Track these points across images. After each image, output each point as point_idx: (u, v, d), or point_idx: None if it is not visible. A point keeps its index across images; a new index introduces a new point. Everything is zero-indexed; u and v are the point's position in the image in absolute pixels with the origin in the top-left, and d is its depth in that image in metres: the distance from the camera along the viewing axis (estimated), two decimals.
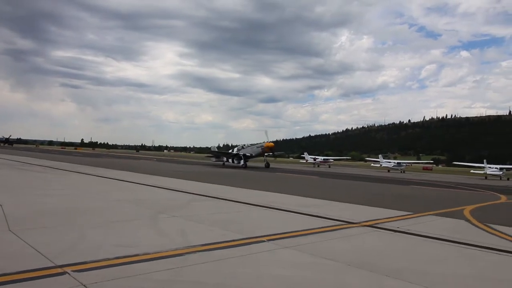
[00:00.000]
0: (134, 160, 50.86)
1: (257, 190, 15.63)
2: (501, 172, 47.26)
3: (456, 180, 37.40)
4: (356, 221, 8.75)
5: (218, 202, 11.31)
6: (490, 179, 45.40)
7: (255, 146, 45.42)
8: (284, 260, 5.26)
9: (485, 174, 48.07)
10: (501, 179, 45.56)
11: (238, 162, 42.99)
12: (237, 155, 43.50)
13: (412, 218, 9.90)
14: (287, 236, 6.76)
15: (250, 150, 44.59)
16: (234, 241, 6.11)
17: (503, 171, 47.73)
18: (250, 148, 45.36)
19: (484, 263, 5.79)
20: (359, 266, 5.09)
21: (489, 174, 47.41)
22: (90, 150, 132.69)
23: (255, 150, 44.54)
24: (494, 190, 24.11)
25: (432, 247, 6.69)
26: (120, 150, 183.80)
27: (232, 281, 4.23)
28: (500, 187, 29.52)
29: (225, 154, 45.94)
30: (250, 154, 43.91)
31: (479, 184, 31.97)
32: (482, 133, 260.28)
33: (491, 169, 48.20)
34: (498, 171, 47.34)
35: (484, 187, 28.20)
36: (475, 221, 9.73)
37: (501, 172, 47.17)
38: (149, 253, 5.07)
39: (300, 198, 13.63)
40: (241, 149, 45.38)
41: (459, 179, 42.03)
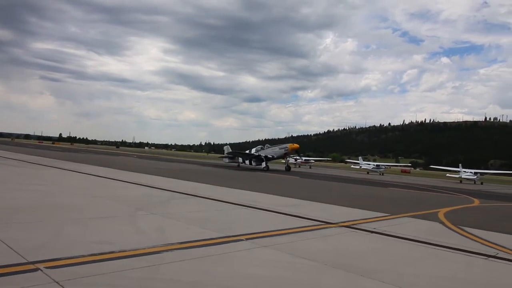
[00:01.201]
0: (114, 156, 50.11)
1: (237, 189, 15.63)
2: (475, 176, 48.59)
3: (432, 183, 38.24)
4: (334, 221, 8.86)
5: (198, 200, 11.26)
6: (464, 183, 46.59)
7: (277, 147, 42.92)
8: (262, 259, 5.29)
9: (460, 178, 49.32)
10: (475, 183, 46.81)
11: (258, 164, 40.54)
12: (258, 157, 40.92)
13: (389, 220, 10.08)
14: (266, 235, 6.78)
15: (272, 152, 42.02)
16: (212, 239, 6.09)
17: (477, 176, 49.08)
18: (271, 149, 42.66)
19: (457, 264, 5.94)
20: (335, 266, 5.16)
21: (464, 178, 48.67)
22: (68, 145, 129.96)
23: (277, 152, 42.03)
24: (468, 194, 24.77)
25: (407, 248, 6.84)
26: (100, 146, 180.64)
27: (209, 280, 4.23)
28: (473, 191, 30.34)
29: (245, 155, 42.93)
30: (272, 156, 41.61)
31: (454, 188, 32.78)
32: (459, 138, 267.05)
33: (466, 173, 49.49)
34: (473, 175, 48.66)
35: (458, 190, 28.93)
36: (449, 224, 9.98)
37: (475, 177, 48.50)
38: (125, 250, 5.01)
39: (280, 197, 13.70)
40: (260, 150, 42.69)
41: (435, 182, 42.98)
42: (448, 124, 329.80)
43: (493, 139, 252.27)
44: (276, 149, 42.40)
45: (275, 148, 42.59)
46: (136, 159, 46.17)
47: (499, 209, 16.75)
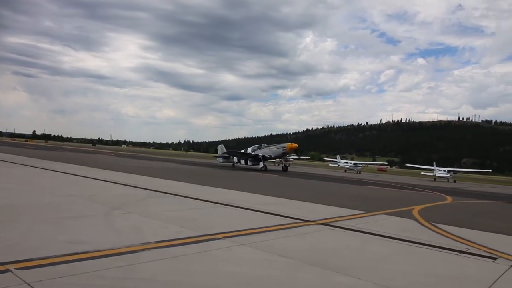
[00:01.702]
0: (90, 154, 49.07)
1: (216, 188, 15.57)
2: (448, 174, 50.02)
3: (407, 181, 39.12)
4: (311, 219, 8.95)
5: (176, 199, 11.17)
6: (438, 181, 47.86)
7: (275, 147, 41.43)
8: (239, 257, 5.29)
9: (434, 176, 50.64)
10: (448, 181, 48.17)
11: (255, 163, 39.28)
12: (256, 157, 39.54)
13: (365, 217, 10.26)
14: (244, 233, 6.79)
15: (269, 151, 40.60)
16: (189, 238, 6.06)
17: (450, 174, 50.54)
18: (268, 149, 41.15)
19: (430, 260, 6.10)
20: (312, 263, 5.22)
21: (438, 176, 49.99)
22: (42, 143, 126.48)
23: (275, 152, 40.60)
24: (441, 192, 25.46)
25: (382, 245, 6.98)
26: (75, 144, 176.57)
27: (185, 278, 4.20)
28: (447, 188, 31.20)
29: (242, 154, 41.19)
30: (269, 156, 40.30)
31: (428, 186, 33.63)
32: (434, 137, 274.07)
33: (440, 171, 50.85)
34: (446, 173, 50.07)
35: (432, 188, 29.70)
36: (422, 221, 10.23)
37: (448, 175, 49.92)
38: (100, 250, 4.92)
39: (259, 196, 13.74)
40: (257, 150, 41.19)
41: (410, 180, 43.99)
42: (423, 123, 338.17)
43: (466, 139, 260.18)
44: (273, 148, 41.16)
45: (273, 148, 41.30)
46: (113, 157, 45.37)
47: (470, 206, 17.28)
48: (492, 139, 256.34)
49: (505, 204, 20.18)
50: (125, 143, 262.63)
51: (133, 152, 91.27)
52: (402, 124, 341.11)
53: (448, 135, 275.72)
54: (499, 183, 66.19)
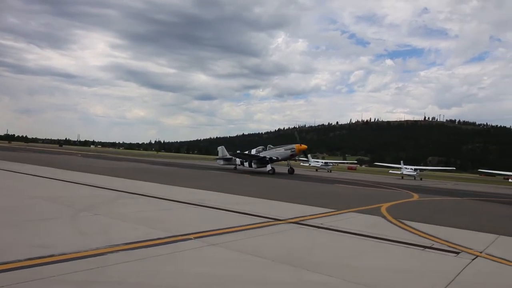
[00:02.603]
0: (57, 155, 47.47)
1: (188, 188, 15.41)
2: (415, 172, 51.66)
3: (376, 180, 40.08)
4: (283, 218, 9.01)
5: (146, 199, 10.97)
6: (406, 179, 49.32)
7: (282, 148, 38.51)
8: (210, 257, 5.26)
9: (401, 174, 52.17)
10: (415, 179, 49.71)
11: (260, 166, 37.17)
12: (263, 159, 37.09)
13: (335, 215, 10.43)
14: (215, 233, 6.76)
15: (276, 153, 37.93)
16: (159, 239, 5.97)
17: (417, 172, 52.23)
18: (275, 150, 38.33)
19: (397, 256, 6.28)
20: (283, 262, 5.25)
21: (405, 175, 51.53)
22: (5, 143, 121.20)
23: (282, 153, 37.96)
24: (408, 189, 26.24)
25: (352, 242, 7.12)
26: (41, 145, 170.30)
27: (154, 280, 4.14)
28: (413, 186, 32.18)
29: (249, 156, 38.37)
30: (276, 158, 37.70)
31: (396, 184, 34.58)
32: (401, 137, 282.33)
33: (407, 169, 52.43)
34: (413, 171, 51.69)
35: (400, 186, 30.56)
36: (390, 218, 10.51)
37: (415, 173, 51.56)
38: (66, 253, 4.76)
39: (231, 195, 13.71)
40: (262, 151, 38.52)
41: (379, 178, 45.09)
42: (391, 123, 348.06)
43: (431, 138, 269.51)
44: (281, 150, 38.34)
45: (280, 149, 38.45)
46: (81, 158, 44.09)
47: (435, 203, 17.89)
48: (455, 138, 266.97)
49: (468, 200, 21.03)
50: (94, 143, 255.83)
51: (102, 152, 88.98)
52: (371, 124, 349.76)
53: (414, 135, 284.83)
54: (463, 180, 68.93)
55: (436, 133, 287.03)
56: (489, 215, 14.22)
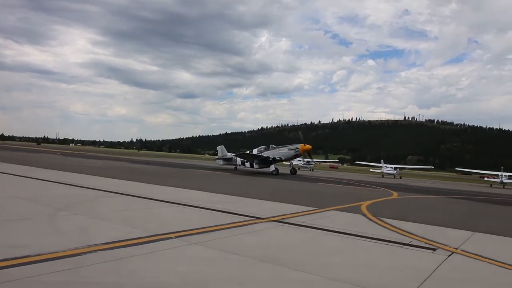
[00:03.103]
0: (34, 153, 46.35)
1: (169, 187, 15.29)
2: (395, 171, 52.60)
3: (357, 178, 40.58)
4: (264, 216, 9.04)
5: (127, 198, 10.85)
6: (386, 177, 50.14)
7: (286, 148, 37.10)
8: (191, 256, 5.24)
9: (382, 173, 53.02)
10: (395, 178, 50.60)
11: (262, 166, 36.00)
12: (266, 159, 35.77)
13: (317, 213, 10.53)
14: (196, 232, 6.73)
15: (279, 153, 36.55)
16: (139, 238, 5.91)
17: (396, 170, 53.18)
18: (278, 150, 36.91)
19: (376, 253, 6.39)
20: (263, 260, 5.27)
21: (385, 173, 52.39)
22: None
23: (286, 153, 36.69)
24: (388, 187, 26.68)
25: (332, 240, 7.20)
26: (18, 143, 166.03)
27: (135, 280, 4.10)
28: (393, 184, 32.74)
29: (253, 156, 36.68)
30: (280, 158, 36.45)
31: (376, 182, 35.12)
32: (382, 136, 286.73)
33: (387, 168, 53.34)
34: (393, 170, 52.62)
35: (380, 184, 31.04)
36: (370, 215, 10.68)
37: (395, 171, 52.49)
38: (42, 254, 4.67)
39: (212, 194, 13.66)
40: (264, 151, 37.03)
41: (360, 177, 45.65)
42: (372, 122, 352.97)
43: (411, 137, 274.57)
44: (284, 150, 37.00)
45: (283, 149, 37.13)
46: (60, 156, 43.18)
47: (414, 201, 18.26)
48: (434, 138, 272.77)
49: (445, 198, 21.52)
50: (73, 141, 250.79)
51: (81, 151, 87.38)
52: (353, 123, 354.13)
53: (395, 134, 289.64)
54: (441, 178, 70.46)
55: (416, 133, 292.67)
56: (465, 213, 14.60)
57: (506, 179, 44.88)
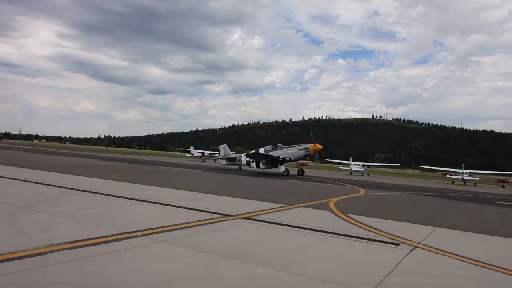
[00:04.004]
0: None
1: (138, 184, 15.02)
2: (363, 168, 53.87)
3: (326, 175, 41.27)
4: (234, 213, 9.05)
5: (93, 196, 10.58)
6: (354, 174, 51.23)
7: (296, 148, 35.54)
8: (158, 254, 5.19)
9: (350, 170, 54.13)
10: (363, 175, 51.78)
11: (271, 167, 34.82)
12: (276, 159, 34.25)
13: (286, 210, 10.64)
14: (164, 230, 6.66)
15: (287, 153, 34.89)
16: (105, 237, 5.78)
17: (364, 168, 54.50)
18: (286, 150, 35.34)
19: (342, 248, 6.53)
20: (232, 257, 5.29)
21: (353, 170, 53.53)
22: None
23: (295, 153, 35.11)
24: (356, 184, 27.29)
25: (301, 237, 7.30)
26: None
27: (98, 279, 4.01)
28: (361, 181, 33.51)
29: (264, 156, 34.72)
30: (289, 158, 34.80)
31: (345, 179, 35.83)
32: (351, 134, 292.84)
33: (355, 166, 54.50)
34: (361, 167, 53.86)
35: (348, 181, 31.71)
36: (338, 212, 10.90)
37: (363, 169, 53.76)
38: (1, 254, 4.49)
39: (182, 192, 13.54)
40: (272, 151, 35.48)
41: (329, 174, 46.48)
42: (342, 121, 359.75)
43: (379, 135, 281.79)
44: (294, 150, 35.45)
45: (293, 149, 35.55)
46: (23, 152, 41.48)
47: (380, 197, 18.75)
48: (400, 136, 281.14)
49: (410, 194, 22.25)
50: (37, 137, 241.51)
51: (46, 147, 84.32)
52: (323, 121, 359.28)
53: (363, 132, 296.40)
54: (406, 176, 72.73)
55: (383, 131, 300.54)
56: (427, 209, 15.14)
57: (467, 176, 46.86)
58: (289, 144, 36.96)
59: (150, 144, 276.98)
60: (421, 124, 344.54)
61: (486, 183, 52.70)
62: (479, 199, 22.15)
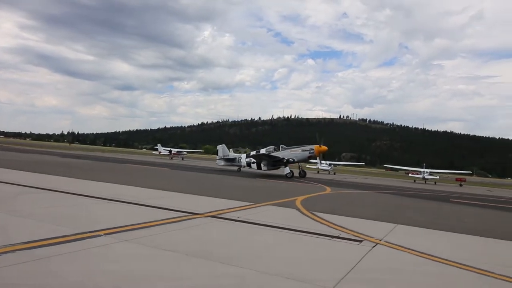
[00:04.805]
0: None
1: (100, 182, 14.64)
2: (329, 167, 54.96)
3: None
4: (200, 212, 9.00)
5: (55, 195, 10.21)
6: (321, 173, 52.17)
7: (299, 149, 34.50)
8: (121, 253, 5.08)
9: (318, 169, 55.05)
10: (329, 173, 52.81)
11: (273, 168, 34.06)
12: (280, 161, 33.34)
13: (253, 208, 10.68)
14: (128, 229, 6.53)
15: (290, 154, 33.88)
16: (65, 236, 5.60)
17: (331, 167, 55.61)
18: (289, 151, 34.25)
19: (307, 246, 6.63)
20: (197, 256, 5.26)
21: (320, 169, 54.46)
22: None
23: (300, 155, 34.12)
24: (322, 183, 27.78)
25: (267, 234, 7.35)
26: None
27: (56, 280, 3.88)
28: (327, 180, 34.14)
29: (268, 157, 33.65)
30: (293, 160, 33.85)
31: (312, 178, 36.37)
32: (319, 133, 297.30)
33: (322, 164, 55.42)
34: (328, 166, 54.89)
35: (315, 180, 32.21)
36: (304, 210, 11.05)
37: (329, 167, 54.85)
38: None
39: (148, 190, 13.32)
40: (274, 152, 34.39)
41: (296, 173, 46.96)
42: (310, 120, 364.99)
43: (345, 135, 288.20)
44: (297, 151, 34.38)
45: (296, 150, 34.50)
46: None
47: (345, 195, 19.19)
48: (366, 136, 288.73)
49: (374, 193, 22.89)
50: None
51: (4, 143, 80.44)
52: (291, 120, 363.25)
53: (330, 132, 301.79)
54: (371, 174, 74.76)
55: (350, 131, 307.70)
56: (390, 206, 15.63)
57: (427, 175, 48.76)
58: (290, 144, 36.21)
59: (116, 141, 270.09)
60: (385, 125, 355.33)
61: (445, 182, 55.04)
62: (438, 197, 23.09)
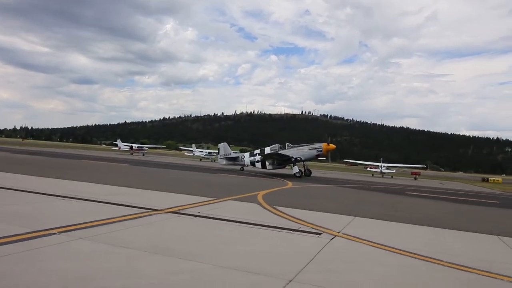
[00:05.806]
0: None
1: (57, 179, 14.06)
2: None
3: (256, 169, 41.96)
4: (160, 208, 8.87)
5: (5, 193, 9.69)
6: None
7: (306, 147, 33.66)
8: (76, 252, 4.92)
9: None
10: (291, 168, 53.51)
11: (278, 167, 33.49)
12: (289, 160, 32.72)
13: (214, 203, 10.66)
14: (84, 226, 6.33)
15: (298, 153, 32.98)
16: (16, 236, 5.35)
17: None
18: (296, 149, 33.46)
19: (268, 240, 6.70)
20: (155, 252, 5.19)
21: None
22: None
23: (307, 154, 33.29)
24: (284, 178, 28.15)
25: (228, 229, 7.36)
26: None
27: (2, 282, 3.70)
28: (289, 175, 34.59)
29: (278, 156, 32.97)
30: (300, 158, 32.97)
31: (274, 173, 36.74)
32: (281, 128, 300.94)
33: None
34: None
35: (277, 175, 32.56)
36: (265, 204, 11.17)
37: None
38: None
39: (107, 186, 12.94)
40: (280, 150, 33.69)
41: None
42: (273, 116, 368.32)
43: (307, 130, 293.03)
44: (305, 149, 33.58)
45: (303, 148, 33.64)
46: None
47: (305, 190, 19.55)
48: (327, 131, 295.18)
49: (334, 187, 23.50)
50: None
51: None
52: (254, 116, 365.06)
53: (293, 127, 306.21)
54: (331, 169, 76.72)
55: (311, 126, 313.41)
56: (348, 200, 16.11)
57: (385, 169, 50.66)
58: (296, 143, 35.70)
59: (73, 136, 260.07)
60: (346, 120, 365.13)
61: (401, 176, 57.40)
62: (394, 190, 24.07)
